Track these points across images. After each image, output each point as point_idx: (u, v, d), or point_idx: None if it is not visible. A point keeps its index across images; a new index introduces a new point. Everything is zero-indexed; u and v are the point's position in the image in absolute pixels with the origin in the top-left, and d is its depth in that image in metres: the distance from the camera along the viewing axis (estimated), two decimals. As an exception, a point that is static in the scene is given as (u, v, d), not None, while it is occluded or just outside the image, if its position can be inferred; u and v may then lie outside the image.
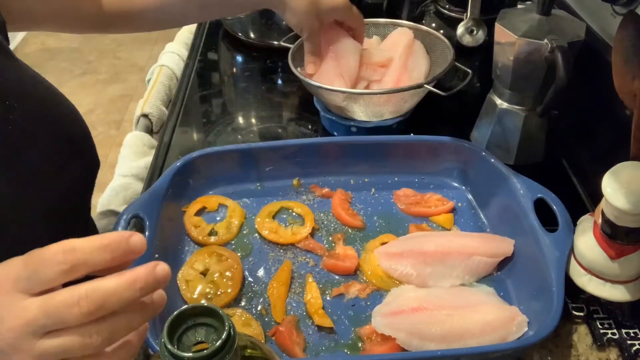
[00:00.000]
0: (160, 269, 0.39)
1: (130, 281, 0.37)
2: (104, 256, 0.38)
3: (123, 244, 0.38)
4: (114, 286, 0.37)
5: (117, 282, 0.37)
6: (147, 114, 1.03)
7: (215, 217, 0.76)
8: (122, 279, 0.37)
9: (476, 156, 0.78)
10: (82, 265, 0.37)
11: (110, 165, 0.99)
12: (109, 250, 0.38)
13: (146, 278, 0.38)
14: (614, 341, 0.63)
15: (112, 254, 0.38)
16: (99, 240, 0.38)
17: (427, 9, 1.12)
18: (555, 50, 0.71)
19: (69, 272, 0.37)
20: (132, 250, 0.39)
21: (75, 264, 0.37)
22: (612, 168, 0.59)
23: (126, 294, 0.37)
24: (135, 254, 0.39)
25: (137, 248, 0.39)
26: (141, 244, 0.39)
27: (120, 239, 0.38)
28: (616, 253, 0.60)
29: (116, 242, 0.38)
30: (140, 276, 0.38)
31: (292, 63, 0.90)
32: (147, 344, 0.56)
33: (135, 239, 0.39)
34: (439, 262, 0.67)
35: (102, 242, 0.38)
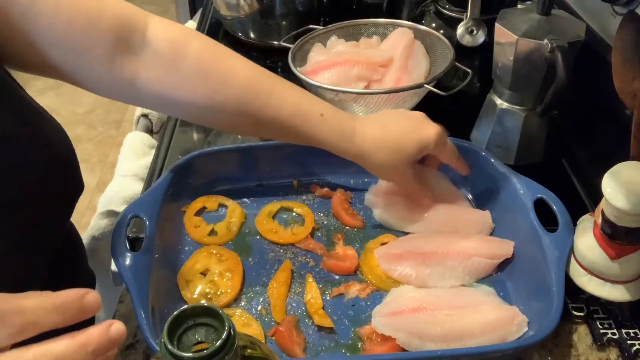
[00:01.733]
0: (115, 328, 0.37)
1: (81, 344, 0.36)
2: (55, 318, 0.36)
3: (76, 304, 0.37)
4: (64, 349, 0.35)
5: (67, 345, 0.35)
6: (147, 114, 1.03)
7: (215, 217, 0.76)
8: (73, 341, 0.36)
9: (476, 156, 0.78)
10: (31, 328, 0.35)
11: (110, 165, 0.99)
12: (60, 311, 0.36)
13: (99, 340, 0.36)
14: (614, 341, 0.63)
15: (64, 315, 0.36)
16: (50, 300, 0.36)
17: (427, 9, 1.12)
18: (555, 50, 0.71)
19: (17, 335, 0.35)
20: (85, 311, 0.37)
21: (24, 326, 0.35)
22: (612, 168, 0.59)
23: (76, 357, 0.36)
24: (89, 314, 0.38)
25: (92, 308, 0.37)
26: (96, 303, 0.38)
27: (74, 298, 0.37)
28: (616, 253, 0.60)
29: (69, 302, 0.37)
30: (92, 338, 0.36)
31: (292, 63, 0.90)
32: (147, 344, 0.56)
33: (90, 299, 0.37)
34: (438, 263, 0.67)
35: (54, 303, 0.36)
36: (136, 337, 0.64)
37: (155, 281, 0.63)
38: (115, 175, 0.93)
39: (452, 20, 1.05)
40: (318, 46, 0.96)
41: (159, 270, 0.65)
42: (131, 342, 0.64)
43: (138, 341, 0.64)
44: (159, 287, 0.64)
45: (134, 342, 0.64)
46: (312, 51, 0.95)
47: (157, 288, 0.63)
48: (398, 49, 0.92)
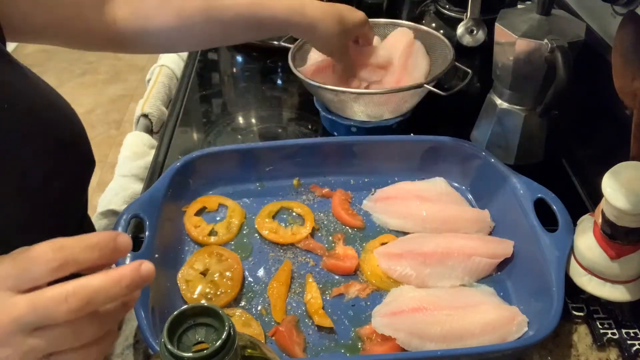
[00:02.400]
0: (145, 267, 0.40)
1: (116, 279, 0.38)
2: (92, 255, 0.39)
3: (110, 244, 0.39)
4: (101, 284, 0.38)
5: (104, 279, 0.38)
6: (147, 114, 1.03)
7: (215, 217, 0.76)
8: (109, 276, 0.38)
9: (476, 156, 0.78)
10: (71, 263, 0.38)
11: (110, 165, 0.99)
12: (97, 249, 0.39)
13: (132, 276, 0.39)
14: (614, 341, 0.63)
15: (99, 252, 0.39)
16: (87, 239, 0.39)
17: (427, 9, 1.12)
18: (555, 50, 0.71)
19: (57, 270, 0.37)
20: (118, 250, 0.40)
21: (64, 261, 0.38)
22: (612, 168, 0.59)
23: (113, 292, 0.38)
24: (121, 254, 0.40)
25: (123, 248, 0.40)
26: (127, 243, 0.40)
27: (108, 238, 0.39)
28: (616, 253, 0.60)
29: (104, 241, 0.39)
30: (126, 274, 0.39)
31: (292, 63, 0.90)
32: (147, 343, 0.56)
33: (122, 239, 0.40)
34: (438, 262, 0.67)
35: (91, 241, 0.39)
36: (136, 337, 0.64)
37: (155, 281, 0.62)
38: (115, 175, 0.93)
39: (452, 20, 1.05)
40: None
41: (159, 270, 0.64)
42: (131, 342, 0.64)
43: (138, 341, 0.64)
44: (159, 287, 0.64)
45: (134, 342, 0.64)
46: (312, 51, 0.95)
47: (157, 288, 0.63)
48: (398, 49, 0.92)
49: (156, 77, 1.12)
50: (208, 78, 1.11)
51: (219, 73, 1.15)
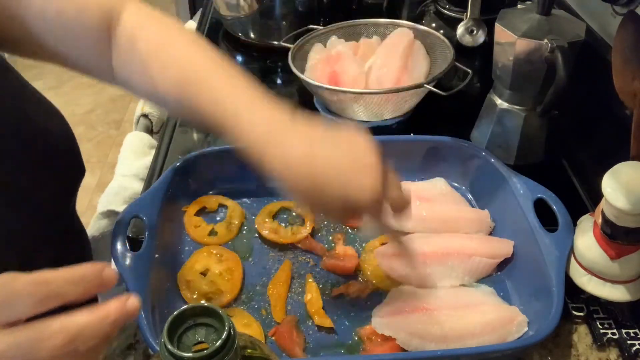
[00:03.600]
0: (131, 302, 0.39)
1: (102, 316, 0.37)
2: (76, 289, 0.37)
3: (96, 277, 0.38)
4: (87, 321, 0.37)
5: (90, 317, 0.37)
6: (147, 114, 1.03)
7: (215, 217, 0.76)
8: (95, 314, 0.37)
9: (476, 156, 0.78)
10: (54, 298, 0.37)
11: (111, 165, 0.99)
12: (81, 284, 0.38)
13: (117, 313, 0.38)
14: (614, 341, 0.63)
15: (84, 287, 0.38)
16: (72, 273, 0.38)
17: (427, 9, 1.12)
18: (555, 50, 0.71)
19: (40, 305, 0.36)
20: (104, 284, 0.39)
21: (47, 296, 0.36)
22: (612, 168, 0.59)
23: (98, 329, 0.37)
24: (107, 287, 0.39)
25: (109, 281, 0.39)
26: (113, 277, 0.39)
27: (94, 272, 0.38)
28: (616, 253, 0.60)
29: (89, 275, 0.38)
30: (111, 311, 0.38)
31: (292, 63, 0.90)
32: (147, 344, 0.56)
33: (108, 273, 0.39)
34: (438, 262, 0.67)
35: (75, 275, 0.37)
36: (136, 337, 0.64)
37: (155, 281, 0.63)
38: (115, 175, 0.93)
39: (452, 20, 1.05)
40: (318, 46, 0.96)
41: (159, 270, 0.65)
42: (131, 342, 0.64)
43: (138, 341, 0.64)
44: (159, 287, 0.64)
45: (134, 342, 0.64)
46: (312, 51, 0.95)
47: (157, 288, 0.63)
48: (398, 49, 0.92)
49: (156, 77, 1.12)
50: (208, 78, 1.10)
51: (219, 73, 1.15)
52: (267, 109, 0.56)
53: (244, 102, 0.57)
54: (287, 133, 0.55)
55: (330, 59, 0.92)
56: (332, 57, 0.92)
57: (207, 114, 0.57)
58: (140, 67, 0.61)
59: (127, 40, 0.61)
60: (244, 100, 0.57)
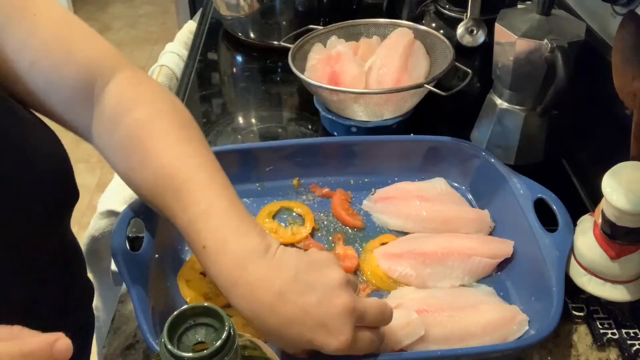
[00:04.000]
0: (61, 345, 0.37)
1: None
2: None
3: (46, 352, 0.37)
4: None
5: None
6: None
7: (215, 217, 0.76)
8: None
9: (476, 156, 0.78)
10: None
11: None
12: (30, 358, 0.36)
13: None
14: (614, 341, 0.63)
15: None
16: (18, 347, 0.36)
17: (427, 9, 1.12)
18: (555, 50, 0.71)
19: None
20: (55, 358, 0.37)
21: None
22: (612, 168, 0.59)
23: None
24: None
25: (61, 355, 0.38)
26: (66, 351, 0.38)
27: (44, 346, 0.37)
28: (616, 253, 0.60)
29: (38, 349, 0.37)
30: None
31: (292, 63, 0.90)
32: (147, 344, 0.56)
33: (59, 346, 0.37)
34: (438, 263, 0.67)
35: (22, 351, 0.36)
36: (136, 337, 0.64)
37: (155, 281, 0.63)
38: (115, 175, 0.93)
39: (452, 20, 1.05)
40: (318, 46, 0.96)
41: (159, 270, 0.65)
42: (131, 342, 0.64)
43: (138, 341, 0.64)
44: (159, 287, 0.64)
45: (134, 342, 0.64)
46: (312, 51, 0.95)
47: (157, 288, 0.63)
48: (398, 49, 0.92)
49: (156, 77, 1.12)
50: (208, 78, 1.11)
51: (219, 73, 1.15)
52: (240, 237, 0.54)
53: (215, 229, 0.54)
54: (256, 272, 0.52)
55: (330, 59, 0.92)
56: (332, 57, 0.92)
57: (178, 225, 0.56)
58: (119, 150, 0.60)
59: (111, 117, 0.60)
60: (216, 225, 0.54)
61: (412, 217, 0.74)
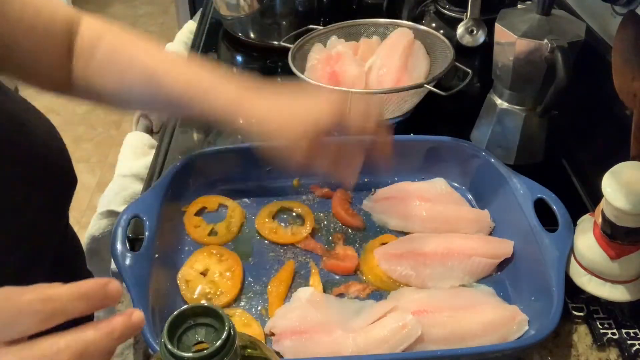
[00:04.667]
0: (136, 316, 0.39)
1: (108, 332, 0.37)
2: (80, 305, 0.37)
3: (100, 292, 0.38)
4: (93, 337, 0.37)
5: (96, 332, 0.37)
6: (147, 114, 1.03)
7: (215, 217, 0.76)
8: (101, 329, 0.37)
9: (476, 156, 0.78)
10: (60, 315, 0.37)
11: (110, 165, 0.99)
12: (85, 299, 0.38)
13: (123, 327, 0.38)
14: (614, 341, 0.63)
15: (88, 302, 0.38)
16: (76, 288, 0.37)
17: (427, 9, 1.12)
18: (555, 50, 0.71)
19: (45, 322, 0.36)
20: (108, 298, 0.39)
21: (53, 313, 0.36)
22: (612, 168, 0.59)
23: (104, 344, 0.37)
24: (112, 302, 0.39)
25: (114, 295, 0.39)
26: (118, 291, 0.39)
27: (98, 286, 0.38)
28: (616, 253, 0.60)
29: (93, 290, 0.38)
30: (117, 326, 0.38)
31: (292, 63, 0.90)
32: (147, 344, 0.56)
33: (112, 287, 0.39)
34: (438, 263, 0.67)
35: (79, 291, 0.37)
36: (136, 337, 0.64)
37: (155, 281, 0.63)
38: (115, 175, 0.93)
39: (452, 20, 1.05)
40: (318, 46, 0.96)
41: (159, 270, 0.65)
42: (131, 342, 0.64)
43: (138, 341, 0.64)
44: (159, 287, 0.64)
45: (134, 342, 0.64)
46: (312, 51, 0.95)
47: (157, 288, 0.63)
48: (398, 49, 0.92)
49: (156, 77, 1.12)
50: (208, 78, 1.10)
51: (219, 73, 1.15)
52: (234, 82, 0.64)
53: (211, 80, 0.64)
54: (256, 93, 0.63)
55: (330, 59, 0.92)
56: (332, 57, 0.92)
57: (175, 97, 0.64)
58: (102, 69, 0.66)
59: (88, 47, 0.66)
60: (211, 78, 0.64)
61: (412, 217, 0.74)
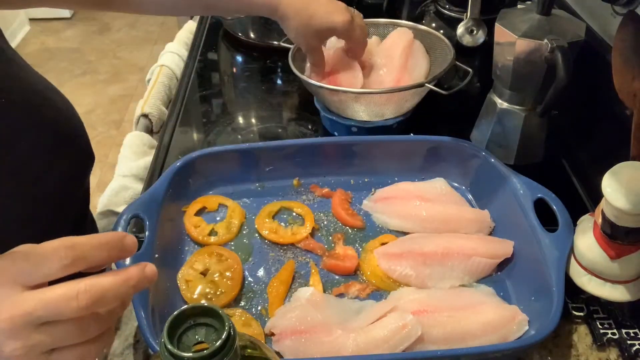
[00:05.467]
0: (149, 268, 0.42)
1: (125, 279, 0.40)
2: (102, 254, 0.40)
3: (119, 243, 0.41)
4: (110, 283, 0.40)
5: (113, 279, 0.40)
6: (147, 114, 1.03)
7: (215, 217, 0.76)
8: (118, 277, 0.40)
9: (476, 156, 0.78)
10: (82, 261, 0.39)
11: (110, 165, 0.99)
12: (106, 249, 0.41)
13: (138, 276, 0.41)
14: (614, 341, 0.63)
15: (108, 251, 0.41)
16: (97, 238, 0.40)
17: (427, 9, 1.12)
18: (555, 50, 0.71)
19: (69, 267, 0.39)
20: (125, 249, 0.42)
21: (76, 259, 0.39)
22: (612, 168, 0.59)
23: (121, 291, 0.40)
24: (129, 253, 0.42)
25: (130, 248, 0.42)
26: (134, 244, 0.42)
27: (116, 238, 0.41)
28: (616, 253, 0.60)
29: (113, 240, 0.41)
30: (133, 274, 0.41)
31: (292, 63, 0.90)
32: (147, 344, 0.56)
33: (129, 240, 0.42)
34: (438, 263, 0.67)
35: (100, 241, 0.40)
36: (136, 337, 0.64)
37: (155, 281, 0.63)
38: (115, 175, 0.93)
39: (452, 20, 1.05)
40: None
41: (159, 270, 0.64)
42: (131, 342, 0.64)
43: (138, 341, 0.64)
44: (159, 287, 0.64)
45: (134, 342, 0.64)
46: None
47: (157, 288, 0.63)
48: (398, 49, 0.92)
49: (156, 77, 1.12)
50: (208, 78, 1.11)
51: (219, 73, 1.15)
52: None
53: None
54: None
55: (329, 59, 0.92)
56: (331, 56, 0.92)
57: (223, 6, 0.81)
58: None
59: None
60: None
61: (412, 217, 0.74)
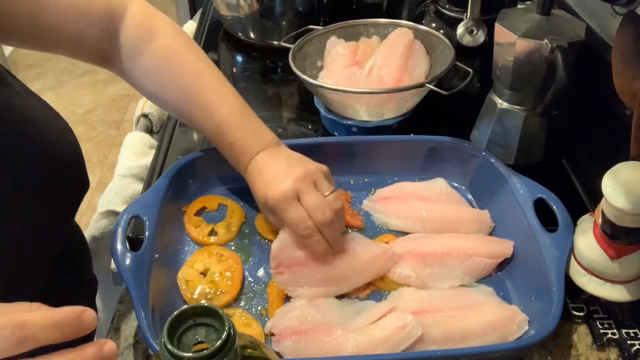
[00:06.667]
0: (107, 347, 0.39)
1: None
2: (54, 334, 0.38)
3: (74, 321, 0.39)
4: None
5: None
6: (147, 114, 1.03)
7: (215, 217, 0.76)
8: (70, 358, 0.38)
9: (476, 156, 0.78)
10: (31, 341, 0.37)
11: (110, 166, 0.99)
12: (59, 328, 0.38)
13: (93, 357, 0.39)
14: (614, 341, 0.63)
15: (62, 331, 0.38)
16: (50, 316, 0.38)
17: (427, 9, 1.12)
18: (555, 50, 0.71)
19: (16, 347, 0.36)
20: (82, 328, 0.39)
21: (23, 339, 0.36)
22: (612, 168, 0.59)
23: None
24: (86, 331, 0.39)
25: (88, 325, 0.39)
26: (92, 321, 0.39)
27: (72, 315, 0.39)
28: (616, 253, 0.60)
29: (68, 319, 0.38)
30: (88, 356, 0.38)
31: (292, 63, 0.90)
32: (147, 344, 0.56)
33: (87, 317, 0.39)
34: (438, 263, 0.67)
35: (53, 319, 0.38)
36: (136, 337, 0.64)
37: (155, 281, 0.63)
38: (115, 175, 0.93)
39: (452, 20, 1.05)
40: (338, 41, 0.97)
41: (159, 270, 0.65)
42: (131, 342, 0.64)
43: (138, 341, 0.64)
44: (159, 287, 0.64)
45: (134, 342, 0.64)
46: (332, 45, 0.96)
47: (157, 288, 0.63)
48: (398, 49, 0.92)
49: (156, 77, 1.12)
50: (208, 78, 1.10)
51: (219, 73, 1.15)
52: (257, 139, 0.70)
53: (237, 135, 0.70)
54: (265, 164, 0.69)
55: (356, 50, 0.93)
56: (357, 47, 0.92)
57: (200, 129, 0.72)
58: (146, 74, 0.71)
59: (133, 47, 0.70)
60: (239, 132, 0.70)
61: (412, 217, 0.74)
